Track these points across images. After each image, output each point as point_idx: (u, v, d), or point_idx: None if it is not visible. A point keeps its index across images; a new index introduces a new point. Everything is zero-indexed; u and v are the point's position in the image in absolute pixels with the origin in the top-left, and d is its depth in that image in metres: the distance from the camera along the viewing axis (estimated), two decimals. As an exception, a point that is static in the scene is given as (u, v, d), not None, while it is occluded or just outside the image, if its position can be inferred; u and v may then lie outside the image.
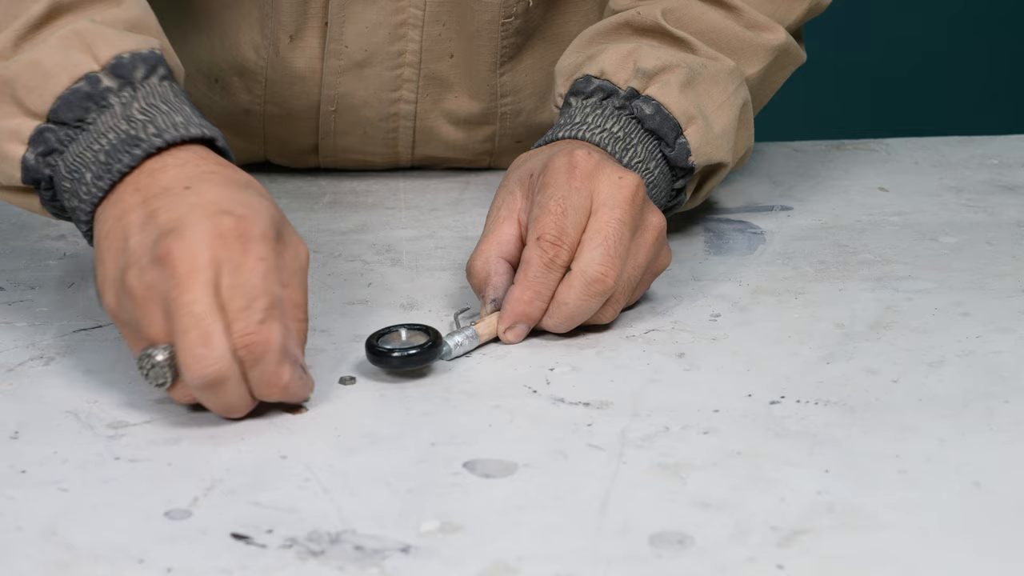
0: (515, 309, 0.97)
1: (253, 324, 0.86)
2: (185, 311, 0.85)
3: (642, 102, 1.05)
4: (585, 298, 0.97)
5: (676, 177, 1.07)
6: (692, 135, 1.05)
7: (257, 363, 0.86)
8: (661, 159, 1.05)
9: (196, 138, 0.93)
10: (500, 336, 0.98)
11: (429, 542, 0.77)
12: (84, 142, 0.92)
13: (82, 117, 0.93)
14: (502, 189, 1.02)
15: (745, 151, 1.12)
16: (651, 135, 1.05)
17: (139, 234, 0.88)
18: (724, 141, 1.07)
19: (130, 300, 0.87)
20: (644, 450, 0.85)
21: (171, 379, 0.87)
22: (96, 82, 0.93)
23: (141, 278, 0.86)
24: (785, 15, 1.14)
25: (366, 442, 0.87)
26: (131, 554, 0.76)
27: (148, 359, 0.86)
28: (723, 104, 1.08)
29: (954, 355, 0.96)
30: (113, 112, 0.92)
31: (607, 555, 0.76)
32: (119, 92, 0.93)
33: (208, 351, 0.85)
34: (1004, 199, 1.22)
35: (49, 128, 0.93)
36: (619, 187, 0.98)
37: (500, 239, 1.00)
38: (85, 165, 0.92)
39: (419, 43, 1.19)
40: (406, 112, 1.22)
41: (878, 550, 0.76)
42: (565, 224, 0.97)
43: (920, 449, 0.85)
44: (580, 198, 0.97)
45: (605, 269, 0.96)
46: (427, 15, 1.18)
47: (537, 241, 0.97)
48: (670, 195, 1.07)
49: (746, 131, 1.11)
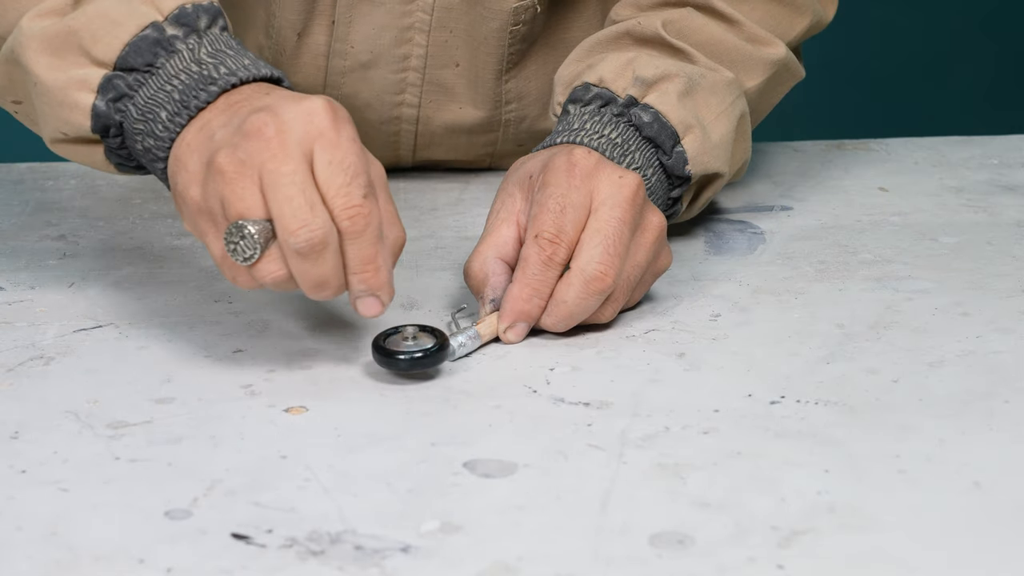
0: (514, 307, 0.97)
1: (357, 198, 0.88)
2: (288, 179, 0.87)
3: (640, 110, 1.05)
4: (584, 296, 0.96)
5: (673, 186, 1.07)
6: (689, 144, 1.05)
7: (358, 237, 0.88)
8: (658, 167, 1.05)
9: (266, 77, 0.95)
10: (500, 335, 0.98)
11: (429, 542, 0.77)
12: (155, 85, 0.94)
13: (151, 62, 0.95)
14: (501, 191, 1.02)
15: (742, 163, 1.12)
16: (649, 143, 1.05)
17: (225, 127, 0.91)
18: (721, 151, 1.07)
19: (219, 179, 0.88)
20: (644, 450, 0.85)
21: (259, 253, 0.88)
22: (162, 30, 0.95)
23: (233, 155, 0.88)
24: (786, 31, 1.14)
25: (366, 442, 0.87)
26: (131, 554, 0.76)
27: (239, 230, 0.88)
28: (721, 114, 1.08)
29: (954, 355, 0.96)
30: (181, 56, 0.95)
31: (607, 555, 0.76)
32: (185, 39, 0.95)
33: (314, 216, 0.87)
34: (1004, 199, 1.23)
35: (117, 75, 0.95)
36: (619, 186, 0.98)
37: (498, 240, 1.00)
38: (159, 104, 0.94)
39: (425, 48, 1.19)
40: (408, 116, 1.22)
41: (878, 550, 0.76)
42: (563, 222, 0.97)
43: (920, 449, 0.85)
44: (579, 196, 0.97)
45: (604, 268, 0.96)
46: (435, 20, 1.18)
47: (535, 239, 0.97)
48: (667, 204, 1.07)
49: (743, 143, 1.11)
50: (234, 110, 0.92)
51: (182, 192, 0.92)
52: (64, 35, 0.96)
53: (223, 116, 0.92)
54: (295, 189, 0.87)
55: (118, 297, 1.05)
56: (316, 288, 0.89)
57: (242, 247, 0.88)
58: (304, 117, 0.89)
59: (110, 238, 1.15)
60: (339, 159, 0.88)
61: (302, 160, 0.88)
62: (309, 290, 0.90)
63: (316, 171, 0.88)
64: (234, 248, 0.88)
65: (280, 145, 0.88)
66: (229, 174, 0.89)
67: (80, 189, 1.25)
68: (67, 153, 0.99)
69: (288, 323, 1.01)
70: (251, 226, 0.88)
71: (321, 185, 0.88)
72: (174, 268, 1.09)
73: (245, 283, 0.91)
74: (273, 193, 0.88)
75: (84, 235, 1.16)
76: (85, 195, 1.23)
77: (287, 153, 0.88)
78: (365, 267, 0.90)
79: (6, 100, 1.01)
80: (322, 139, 0.89)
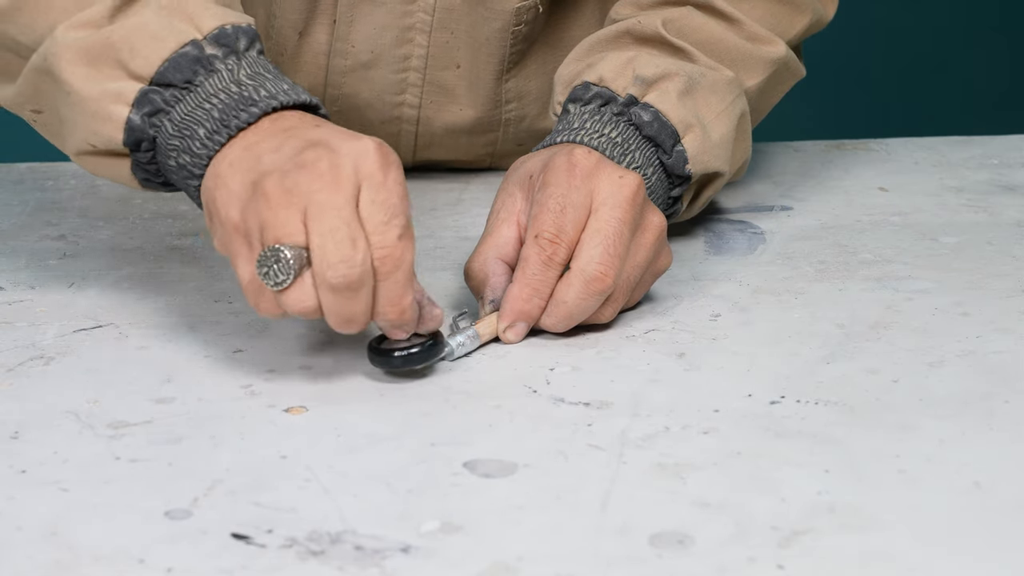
0: (513, 307, 0.97)
1: (392, 239, 0.89)
2: (335, 212, 0.88)
3: (640, 109, 1.05)
4: (584, 297, 0.96)
5: (673, 185, 1.07)
6: (690, 143, 1.05)
7: (388, 277, 0.89)
8: (658, 166, 1.05)
9: (304, 103, 0.95)
10: (500, 335, 0.98)
11: (429, 542, 0.77)
12: (193, 102, 0.94)
13: (190, 79, 0.95)
14: (501, 191, 1.02)
15: (742, 162, 1.12)
16: (649, 142, 1.05)
17: (276, 153, 0.91)
18: (722, 150, 1.07)
19: (263, 202, 0.89)
20: (644, 450, 0.85)
21: (291, 280, 0.88)
22: (201, 48, 0.95)
23: (282, 182, 0.89)
24: (786, 29, 1.14)
25: (366, 442, 0.87)
26: (131, 554, 0.76)
27: (274, 254, 0.87)
28: (721, 113, 1.08)
29: (954, 355, 0.96)
30: (221, 76, 0.95)
31: (607, 555, 0.76)
32: (224, 59, 0.95)
33: (355, 253, 0.87)
34: (1004, 199, 1.23)
35: (154, 90, 0.95)
36: (620, 186, 0.98)
37: (498, 241, 1.00)
38: (197, 122, 0.94)
39: (426, 48, 1.19)
40: (409, 116, 1.22)
41: (878, 550, 0.76)
42: (564, 222, 0.97)
43: (920, 449, 0.85)
44: (580, 196, 0.98)
45: (604, 268, 0.96)
46: (436, 21, 1.18)
47: (535, 239, 0.97)
48: (667, 203, 1.07)
49: (744, 142, 1.11)
50: (285, 136, 0.92)
51: (220, 211, 0.91)
52: (101, 47, 0.95)
53: (273, 141, 0.92)
54: (340, 222, 0.88)
55: (118, 297, 1.05)
56: (344, 323, 0.89)
57: (275, 271, 0.88)
58: (358, 155, 0.89)
59: (110, 238, 1.15)
60: (383, 199, 0.89)
61: (351, 196, 0.89)
62: (336, 324, 0.90)
63: (360, 208, 0.89)
64: (267, 272, 0.88)
65: (333, 179, 0.88)
66: (275, 199, 0.88)
67: (80, 189, 1.25)
68: (92, 165, 0.99)
69: (288, 323, 1.01)
70: (287, 251, 0.87)
71: (363, 220, 0.89)
72: (174, 268, 1.09)
73: (268, 310, 0.90)
74: (318, 224, 0.88)
75: (84, 235, 1.16)
76: (85, 195, 1.23)
77: (338, 187, 0.88)
78: (391, 307, 0.90)
79: (25, 109, 1.00)
80: (371, 179, 0.89)
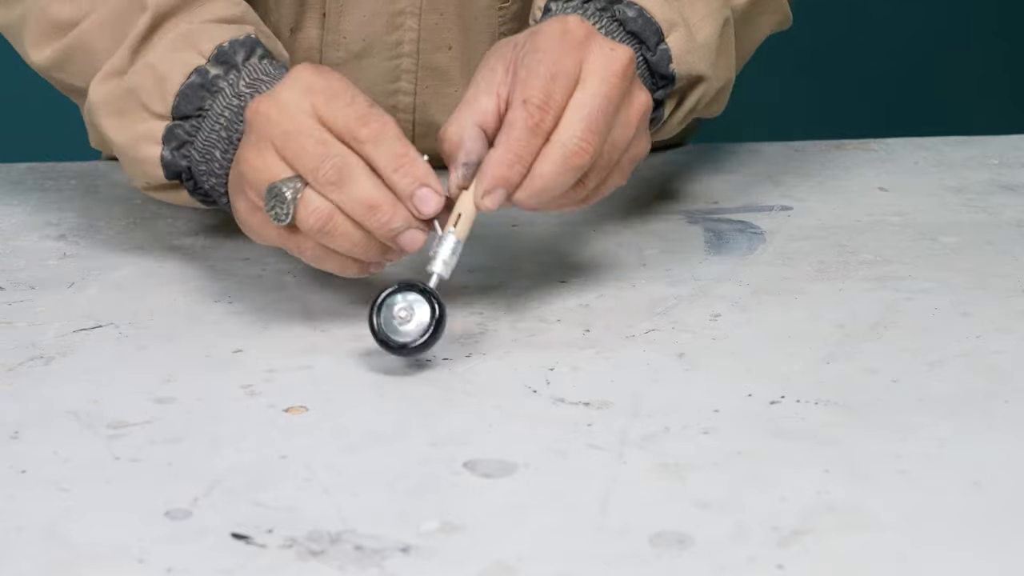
0: (495, 172, 0.93)
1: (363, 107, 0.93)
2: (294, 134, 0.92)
3: (624, 6, 1.03)
4: (561, 171, 0.93)
5: (657, 86, 1.05)
6: (674, 42, 1.04)
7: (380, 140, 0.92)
8: (642, 63, 1.03)
9: None
10: (476, 202, 0.94)
11: (429, 542, 0.77)
12: (207, 127, 1.00)
13: (200, 106, 1.01)
14: (482, 66, 0.98)
15: (726, 81, 1.10)
16: (633, 37, 1.03)
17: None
18: (706, 52, 1.05)
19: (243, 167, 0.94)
20: (644, 450, 0.85)
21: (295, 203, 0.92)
22: (205, 73, 1.01)
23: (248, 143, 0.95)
24: None
25: (366, 442, 0.87)
26: (131, 554, 0.76)
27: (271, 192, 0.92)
28: (707, 16, 1.06)
29: (954, 355, 0.96)
30: (224, 94, 1.00)
31: (607, 555, 0.76)
32: (226, 76, 1.01)
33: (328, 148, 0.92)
34: (1004, 199, 1.23)
35: (176, 124, 1.01)
36: (610, 59, 0.95)
37: (477, 108, 0.96)
38: (213, 145, 1.00)
39: (417, 32, 1.19)
40: (405, 104, 1.22)
41: (878, 550, 0.76)
42: (553, 89, 0.93)
43: (920, 449, 0.85)
44: (570, 64, 0.94)
45: (585, 143, 0.93)
46: (425, 3, 1.18)
47: (524, 104, 0.93)
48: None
49: (727, 56, 1.09)
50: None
51: (241, 216, 0.97)
52: (124, 96, 1.03)
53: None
54: (303, 136, 0.91)
55: (118, 297, 1.05)
56: (369, 212, 0.91)
57: (279, 209, 0.92)
58: (295, 87, 0.93)
59: (110, 238, 1.15)
60: (333, 94, 0.92)
61: (305, 117, 0.92)
62: (364, 216, 0.91)
63: (321, 117, 0.92)
64: (275, 213, 0.92)
65: (280, 114, 0.92)
66: (249, 159, 0.93)
67: (80, 189, 1.25)
68: (161, 198, 1.06)
69: (288, 323, 1.01)
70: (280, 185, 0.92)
71: (328, 122, 0.92)
72: (174, 268, 1.09)
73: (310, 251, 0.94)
74: (287, 152, 0.92)
75: (84, 235, 1.16)
76: (85, 195, 1.23)
77: (289, 117, 0.92)
78: (400, 161, 0.91)
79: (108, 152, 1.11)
80: (314, 93, 0.92)
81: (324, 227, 0.92)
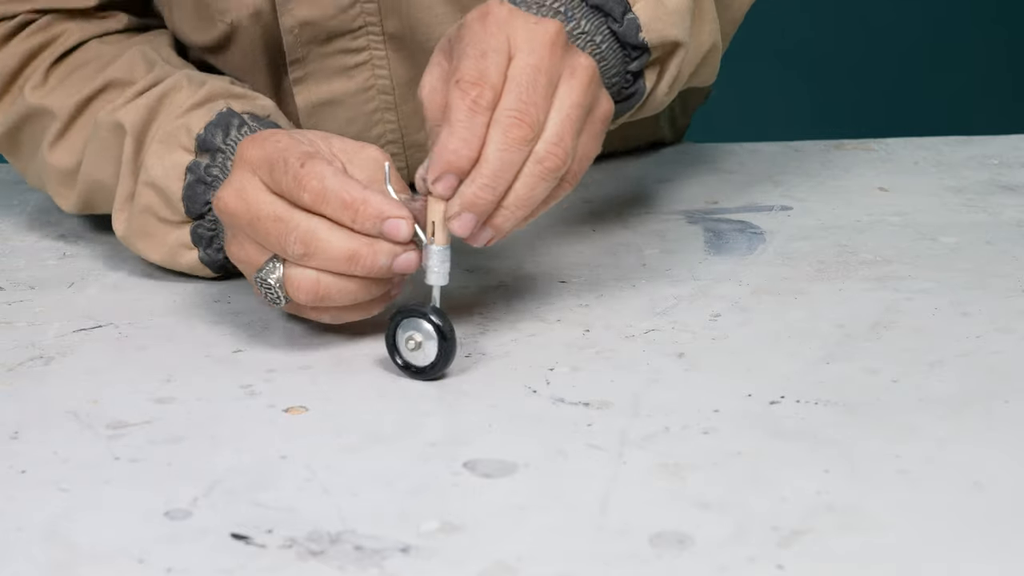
0: (440, 157, 0.90)
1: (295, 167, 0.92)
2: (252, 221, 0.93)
3: None
4: (504, 147, 0.90)
5: (630, 58, 1.03)
6: (641, 10, 1.02)
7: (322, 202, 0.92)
8: (609, 35, 1.01)
9: None
10: (430, 189, 0.91)
11: (429, 542, 0.77)
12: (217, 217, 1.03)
13: (206, 200, 1.04)
14: (428, 66, 0.96)
15: (710, 46, 1.08)
16: (596, 11, 1.01)
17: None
18: (679, 18, 1.03)
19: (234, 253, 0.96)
20: (644, 450, 0.85)
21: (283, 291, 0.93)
22: (197, 166, 1.04)
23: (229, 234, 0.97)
24: None
25: (366, 442, 0.87)
26: (131, 554, 0.76)
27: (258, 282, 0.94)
28: None
29: (954, 355, 0.96)
30: (219, 180, 1.03)
31: (607, 555, 0.76)
32: (214, 162, 1.04)
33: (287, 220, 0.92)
34: (1004, 199, 1.23)
35: (197, 224, 1.05)
36: (535, 32, 0.93)
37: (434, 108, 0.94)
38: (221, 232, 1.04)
39: (396, 123, 1.17)
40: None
41: (878, 550, 0.76)
42: (485, 65, 0.91)
43: (920, 449, 0.85)
44: (498, 42, 0.92)
45: (519, 115, 0.90)
46: (398, 96, 1.17)
47: (456, 84, 0.91)
48: (625, 79, 1.03)
49: (708, 23, 1.07)
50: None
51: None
52: (142, 218, 1.06)
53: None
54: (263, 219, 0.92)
55: (118, 297, 1.05)
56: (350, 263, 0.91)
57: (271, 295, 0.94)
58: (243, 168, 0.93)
59: (110, 238, 1.15)
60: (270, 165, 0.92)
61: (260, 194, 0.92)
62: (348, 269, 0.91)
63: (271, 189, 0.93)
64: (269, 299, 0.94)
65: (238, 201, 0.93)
66: (233, 254, 0.96)
67: (80, 189, 1.24)
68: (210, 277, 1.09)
69: (288, 323, 1.01)
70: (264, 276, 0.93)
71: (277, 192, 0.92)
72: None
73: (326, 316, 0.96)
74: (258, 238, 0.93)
75: (84, 235, 1.16)
76: (85, 195, 1.23)
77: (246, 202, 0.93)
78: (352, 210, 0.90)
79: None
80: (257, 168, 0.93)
81: (317, 296, 0.93)
